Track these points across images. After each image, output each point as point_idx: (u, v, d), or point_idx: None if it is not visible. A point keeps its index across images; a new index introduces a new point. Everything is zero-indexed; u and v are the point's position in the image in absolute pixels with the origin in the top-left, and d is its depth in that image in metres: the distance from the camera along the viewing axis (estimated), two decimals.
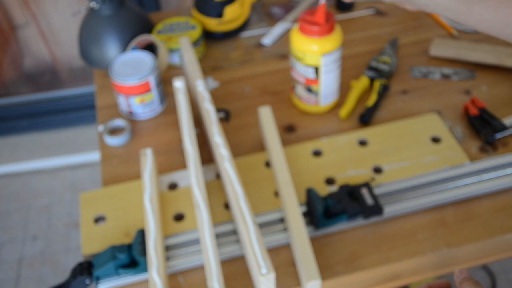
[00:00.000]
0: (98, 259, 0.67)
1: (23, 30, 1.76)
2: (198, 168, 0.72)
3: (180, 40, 0.92)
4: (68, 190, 1.79)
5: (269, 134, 0.78)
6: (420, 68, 0.95)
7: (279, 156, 0.75)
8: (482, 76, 0.92)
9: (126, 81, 0.85)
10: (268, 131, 0.78)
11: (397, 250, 0.68)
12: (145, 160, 0.76)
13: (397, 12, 1.08)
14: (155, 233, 0.67)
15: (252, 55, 1.01)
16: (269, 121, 0.80)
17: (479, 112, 0.83)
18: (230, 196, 0.69)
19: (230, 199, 0.70)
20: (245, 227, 0.63)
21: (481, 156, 0.79)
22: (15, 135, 1.93)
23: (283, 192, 0.71)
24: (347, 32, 1.03)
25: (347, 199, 0.70)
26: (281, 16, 1.10)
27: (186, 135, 0.77)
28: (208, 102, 0.80)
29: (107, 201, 0.75)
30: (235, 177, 0.69)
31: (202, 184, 0.71)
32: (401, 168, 0.76)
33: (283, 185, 0.71)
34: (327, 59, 0.80)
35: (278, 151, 0.76)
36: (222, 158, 0.72)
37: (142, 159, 0.76)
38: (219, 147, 0.73)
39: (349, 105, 0.87)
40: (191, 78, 0.85)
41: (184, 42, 0.91)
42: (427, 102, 0.88)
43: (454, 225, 0.71)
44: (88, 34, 0.99)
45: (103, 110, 0.93)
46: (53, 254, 1.62)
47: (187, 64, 0.87)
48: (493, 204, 0.73)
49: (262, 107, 0.82)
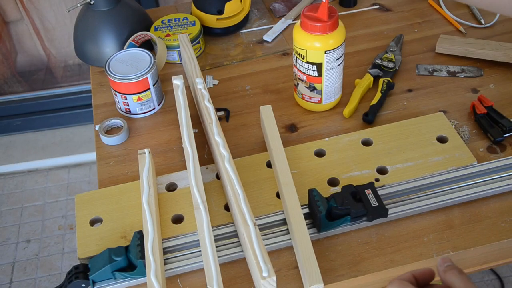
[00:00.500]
0: (94, 262, 0.65)
1: (16, 26, 1.75)
2: (197, 169, 0.71)
3: (179, 37, 0.91)
4: (63, 191, 1.78)
5: (270, 134, 0.77)
6: (425, 65, 0.94)
7: (280, 156, 0.74)
8: (489, 74, 0.91)
9: (123, 79, 0.84)
10: (269, 130, 0.77)
11: (402, 253, 0.67)
12: (143, 161, 0.74)
13: (402, 8, 1.08)
14: (153, 235, 0.65)
15: (253, 52, 1.00)
16: (270, 120, 0.79)
17: (487, 111, 0.82)
18: (230, 197, 0.68)
19: (230, 200, 0.69)
20: (246, 229, 0.62)
21: (488, 156, 0.78)
22: (9, 134, 1.92)
23: (284, 193, 0.69)
24: (350, 29, 1.03)
25: (351, 200, 0.69)
26: (282, 12, 1.09)
27: (185, 134, 0.76)
28: (208, 100, 0.79)
29: (103, 202, 0.74)
30: (235, 177, 0.68)
31: (201, 185, 0.69)
32: (406, 168, 0.75)
33: (284, 186, 0.70)
34: (330, 56, 0.79)
35: (280, 151, 0.74)
36: (222, 158, 0.71)
37: (140, 159, 0.75)
38: (219, 147, 0.73)
39: (352, 104, 0.86)
40: (190, 76, 0.84)
41: (183, 39, 0.90)
42: (433, 101, 0.87)
43: (460, 227, 0.70)
44: (84, 31, 0.98)
45: (100, 108, 0.92)
46: (47, 257, 1.61)
47: (186, 62, 0.86)
48: (501, 206, 0.71)
49: (263, 105, 0.80)
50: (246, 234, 0.62)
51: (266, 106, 0.81)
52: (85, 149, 1.84)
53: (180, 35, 0.91)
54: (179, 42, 0.89)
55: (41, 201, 1.76)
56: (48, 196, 1.77)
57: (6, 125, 1.89)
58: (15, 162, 1.85)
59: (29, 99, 1.88)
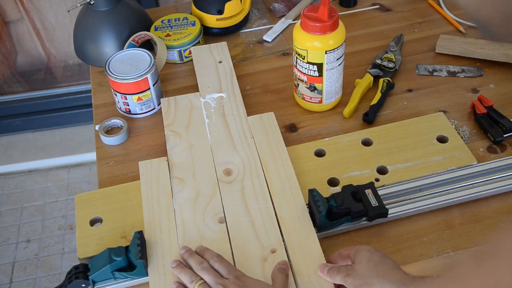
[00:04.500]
0: (94, 262, 0.65)
1: (16, 26, 1.74)
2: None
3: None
4: (63, 191, 1.78)
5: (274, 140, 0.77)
6: (426, 65, 0.93)
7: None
8: (489, 74, 0.91)
9: (123, 79, 0.84)
10: (273, 137, 0.78)
11: (402, 253, 0.67)
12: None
13: (402, 8, 1.07)
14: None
15: (253, 52, 1.00)
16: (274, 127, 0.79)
17: (487, 111, 0.82)
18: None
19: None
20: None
21: (488, 156, 0.78)
22: (9, 134, 1.91)
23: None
24: (350, 29, 1.02)
25: (351, 200, 0.69)
26: (282, 12, 1.08)
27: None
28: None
29: (103, 202, 0.74)
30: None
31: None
32: (406, 168, 0.75)
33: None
34: (330, 56, 0.79)
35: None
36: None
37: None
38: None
39: (352, 104, 0.86)
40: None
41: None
42: (433, 101, 0.87)
43: (461, 227, 0.69)
44: (84, 31, 0.98)
45: (100, 108, 0.92)
46: (47, 257, 1.60)
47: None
48: (501, 206, 0.71)
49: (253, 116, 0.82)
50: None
51: (269, 113, 0.82)
52: (85, 149, 1.83)
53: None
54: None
55: (41, 201, 1.76)
56: (48, 196, 1.77)
57: (6, 125, 1.89)
58: (15, 162, 1.84)
59: (29, 99, 1.87)
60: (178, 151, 0.78)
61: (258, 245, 0.66)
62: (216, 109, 0.84)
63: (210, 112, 0.83)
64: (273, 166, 0.75)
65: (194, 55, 0.95)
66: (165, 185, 0.74)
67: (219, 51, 0.95)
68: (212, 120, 0.82)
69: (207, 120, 0.82)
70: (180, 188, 0.73)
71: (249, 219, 0.69)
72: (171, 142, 0.79)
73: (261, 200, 0.71)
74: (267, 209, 0.70)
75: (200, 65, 0.93)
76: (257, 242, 0.66)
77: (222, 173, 0.74)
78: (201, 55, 0.94)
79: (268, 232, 0.67)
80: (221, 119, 0.82)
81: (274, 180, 0.73)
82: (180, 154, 0.78)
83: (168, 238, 0.68)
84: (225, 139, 0.79)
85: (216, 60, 0.93)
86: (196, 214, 0.70)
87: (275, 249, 0.65)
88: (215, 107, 0.84)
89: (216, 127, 0.81)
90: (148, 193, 0.73)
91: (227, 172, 0.74)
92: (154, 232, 0.69)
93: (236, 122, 0.82)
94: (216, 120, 0.82)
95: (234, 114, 0.83)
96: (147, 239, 0.68)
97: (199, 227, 0.69)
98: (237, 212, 0.70)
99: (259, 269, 0.64)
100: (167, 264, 0.65)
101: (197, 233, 0.68)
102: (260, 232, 0.67)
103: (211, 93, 0.87)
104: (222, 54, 0.94)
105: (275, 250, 0.65)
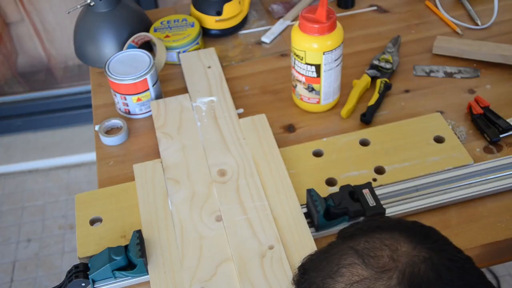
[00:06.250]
0: (94, 261, 0.65)
1: (16, 27, 1.75)
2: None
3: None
4: (63, 191, 1.78)
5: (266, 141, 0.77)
6: (423, 66, 0.94)
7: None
8: (486, 75, 0.92)
9: (122, 80, 0.84)
10: (265, 138, 0.78)
11: None
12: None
13: (399, 10, 1.07)
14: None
15: (251, 53, 1.00)
16: (266, 129, 0.79)
17: (483, 111, 0.82)
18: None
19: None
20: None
21: (485, 156, 0.78)
22: (9, 134, 1.91)
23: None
24: (348, 30, 1.02)
25: (349, 200, 0.69)
26: (281, 13, 1.09)
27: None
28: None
29: (103, 202, 0.74)
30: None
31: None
32: (403, 168, 0.75)
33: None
34: (328, 57, 0.79)
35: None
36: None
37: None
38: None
39: (350, 104, 0.86)
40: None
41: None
42: (430, 101, 0.88)
43: (457, 227, 0.70)
44: (83, 32, 0.98)
45: (99, 109, 0.92)
46: (47, 257, 1.61)
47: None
48: (497, 206, 0.72)
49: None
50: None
51: (260, 115, 0.82)
52: (85, 149, 1.83)
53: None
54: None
55: (41, 201, 1.76)
56: (48, 196, 1.77)
57: (6, 125, 1.89)
58: (15, 162, 1.84)
59: (30, 100, 1.87)
60: (171, 153, 0.79)
61: (255, 242, 0.67)
62: (207, 112, 0.84)
63: (202, 116, 0.84)
64: (266, 166, 0.76)
65: (183, 62, 0.94)
66: (160, 186, 0.75)
67: (207, 56, 0.95)
68: (204, 123, 0.82)
69: (199, 123, 0.82)
70: (175, 189, 0.74)
71: (246, 217, 0.69)
72: (164, 144, 0.80)
73: (256, 199, 0.71)
74: (263, 207, 0.70)
75: (189, 70, 0.92)
76: (254, 239, 0.67)
77: (216, 173, 0.75)
78: (190, 61, 0.94)
79: (265, 229, 0.68)
80: (213, 122, 0.82)
81: (268, 180, 0.74)
82: (173, 155, 0.78)
83: (167, 237, 0.69)
84: (217, 141, 0.79)
85: (205, 65, 0.93)
86: (193, 214, 0.71)
87: (273, 245, 0.66)
88: (206, 111, 0.84)
89: (208, 129, 0.81)
90: (144, 195, 0.74)
91: (221, 173, 0.75)
92: (153, 232, 0.69)
93: (228, 124, 0.82)
94: (208, 122, 0.82)
95: (225, 116, 0.83)
96: (146, 239, 0.68)
97: (197, 226, 0.69)
98: (233, 211, 0.70)
99: (258, 266, 0.64)
100: (167, 262, 0.66)
101: (195, 231, 0.69)
102: (257, 229, 0.68)
103: (202, 97, 0.87)
104: (210, 60, 0.94)
105: (273, 246, 0.66)
